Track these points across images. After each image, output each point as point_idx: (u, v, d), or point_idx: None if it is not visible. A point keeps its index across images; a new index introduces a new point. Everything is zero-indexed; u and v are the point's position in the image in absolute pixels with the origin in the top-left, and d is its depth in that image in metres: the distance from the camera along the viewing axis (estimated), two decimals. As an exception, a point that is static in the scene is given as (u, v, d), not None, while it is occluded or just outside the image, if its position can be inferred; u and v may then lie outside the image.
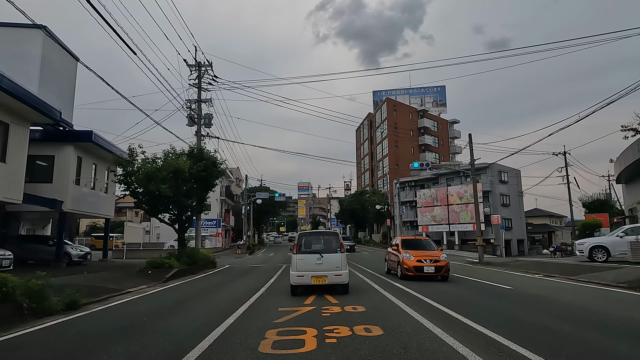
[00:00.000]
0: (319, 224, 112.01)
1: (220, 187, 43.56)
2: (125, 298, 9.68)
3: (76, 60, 18.11)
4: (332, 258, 9.59)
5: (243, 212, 35.59)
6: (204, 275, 16.09)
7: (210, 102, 22.58)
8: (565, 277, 13.76)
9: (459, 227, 42.06)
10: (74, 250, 18.11)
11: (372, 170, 73.86)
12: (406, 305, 7.69)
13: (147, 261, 15.54)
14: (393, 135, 64.69)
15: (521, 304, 8.26)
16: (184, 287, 12.10)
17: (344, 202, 64.44)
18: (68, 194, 17.43)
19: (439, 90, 78.34)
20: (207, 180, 17.81)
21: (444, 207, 43.39)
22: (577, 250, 18.50)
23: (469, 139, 22.73)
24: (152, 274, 14.52)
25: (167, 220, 17.71)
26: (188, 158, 17.48)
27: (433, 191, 45.18)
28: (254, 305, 8.06)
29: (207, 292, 10.59)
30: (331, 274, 9.48)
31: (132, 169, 15.75)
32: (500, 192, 42.39)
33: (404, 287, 10.83)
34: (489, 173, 42.59)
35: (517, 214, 45.12)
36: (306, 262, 9.59)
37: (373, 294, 9.70)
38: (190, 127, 21.96)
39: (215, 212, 42.43)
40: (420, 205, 46.05)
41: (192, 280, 14.17)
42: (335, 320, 6.32)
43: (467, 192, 41.63)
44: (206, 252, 19.71)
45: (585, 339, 5.29)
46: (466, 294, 9.91)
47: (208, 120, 22.29)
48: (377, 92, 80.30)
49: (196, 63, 22.16)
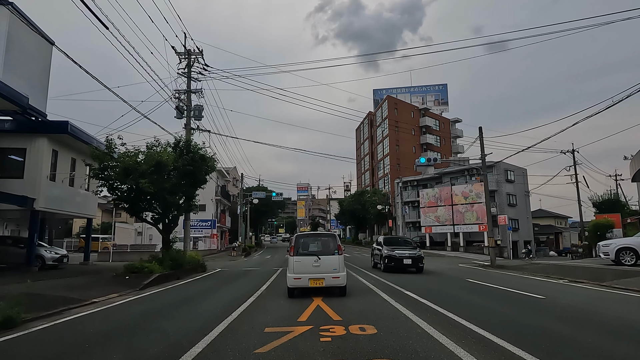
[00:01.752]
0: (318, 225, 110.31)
1: (215, 186, 41.95)
2: (83, 311, 8.03)
3: (51, 45, 16.46)
4: (330, 260, 9.32)
5: (239, 211, 33.93)
6: (190, 280, 14.45)
7: (201, 93, 20.95)
8: (596, 284, 12.13)
9: (464, 228, 40.43)
10: (48, 253, 16.46)
11: (373, 170, 72.24)
12: (428, 325, 6.05)
13: (125, 265, 13.90)
14: (394, 133, 63.09)
15: (567, 321, 6.64)
16: (160, 296, 10.45)
17: (344, 203, 62.80)
18: (41, 191, 15.78)
19: (441, 89, 76.85)
20: (194, 175, 16.17)
21: (448, 207, 41.77)
22: (601, 253, 16.88)
23: (479, 132, 21.15)
24: (129, 280, 12.89)
25: (149, 220, 16.08)
26: (173, 151, 15.86)
27: (436, 191, 43.57)
28: (234, 323, 6.42)
29: (184, 303, 8.95)
30: (329, 277, 9.21)
31: (109, 162, 14.10)
32: (506, 192, 40.81)
33: (415, 295, 9.20)
34: (495, 172, 40.96)
35: (524, 215, 43.53)
36: (303, 265, 9.30)
37: (384, 307, 8.06)
38: (179, 119, 20.37)
39: (210, 212, 40.82)
40: (423, 205, 44.41)
41: (173, 287, 12.52)
42: (339, 348, 4.69)
43: (473, 192, 40.04)
44: (195, 255, 18.09)
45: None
46: (495, 307, 8.27)
47: (198, 112, 20.67)
48: (378, 90, 78.77)
49: (185, 51, 20.55)
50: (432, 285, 12.18)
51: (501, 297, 9.68)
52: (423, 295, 9.39)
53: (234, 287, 12.16)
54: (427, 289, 10.94)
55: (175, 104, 18.87)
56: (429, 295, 9.46)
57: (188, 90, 20.53)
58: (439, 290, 10.97)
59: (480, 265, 22.13)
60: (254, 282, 13.03)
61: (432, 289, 11.05)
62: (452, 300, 8.90)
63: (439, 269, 19.10)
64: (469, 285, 12.10)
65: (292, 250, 9.56)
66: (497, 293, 10.37)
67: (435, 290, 10.94)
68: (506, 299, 9.35)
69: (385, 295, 9.40)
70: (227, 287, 12.22)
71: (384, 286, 11.47)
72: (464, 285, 12.12)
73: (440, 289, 11.28)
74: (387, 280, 13.00)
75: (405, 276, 15.15)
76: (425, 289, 10.84)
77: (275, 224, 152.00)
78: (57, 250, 17.41)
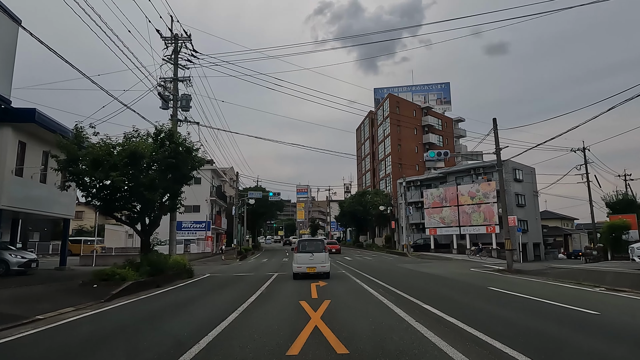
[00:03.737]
0: (318, 228, 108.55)
1: (210, 186, 40.13)
2: (15, 333, 6.19)
3: (17, 24, 14.66)
4: (320, 256, 14.14)
5: (233, 212, 32.08)
6: (170, 289, 12.60)
7: (189, 82, 19.17)
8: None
9: (471, 230, 38.57)
10: (13, 258, 14.59)
11: (374, 170, 70.44)
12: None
13: (94, 271, 12.06)
14: (396, 132, 61.34)
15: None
16: (122, 311, 8.60)
17: (345, 204, 60.93)
18: (4, 188, 13.95)
19: (443, 87, 75.18)
20: (178, 170, 14.34)
21: (454, 207, 39.93)
22: (635, 256, 15.06)
23: (493, 124, 19.35)
24: (97, 289, 11.06)
25: (124, 220, 14.27)
26: (154, 142, 14.05)
27: (441, 191, 41.72)
28: (201, 357, 4.59)
29: (147, 322, 7.13)
30: (319, 266, 13.98)
31: (77, 154, 12.28)
32: (515, 192, 38.93)
33: (438, 311, 7.36)
34: (502, 170, 39.16)
35: (533, 216, 41.68)
36: (303, 258, 14.14)
37: (403, 331, 6.22)
38: (164, 110, 18.58)
39: (205, 213, 38.98)
40: (427, 206, 42.56)
41: (147, 297, 10.67)
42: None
43: (480, 192, 38.22)
44: (180, 260, 16.24)
45: None
46: (546, 328, 6.42)
47: (186, 102, 18.88)
48: (379, 89, 77.08)
49: (172, 35, 18.78)
50: (450, 294, 10.35)
51: (544, 312, 7.84)
52: (446, 310, 7.55)
53: (218, 298, 10.33)
54: (447, 300, 9.11)
55: (161, 93, 17.05)
56: (453, 309, 7.62)
57: (174, 78, 18.74)
58: (462, 302, 9.14)
59: (494, 269, 20.30)
60: (243, 292, 11.19)
61: (454, 300, 9.22)
62: (485, 317, 7.08)
63: (450, 274, 17.28)
64: (495, 296, 10.25)
65: (296, 249, 14.92)
66: (535, 306, 8.53)
67: (458, 301, 9.11)
68: (551, 315, 7.50)
69: (401, 312, 7.56)
70: (209, 298, 10.37)
71: (392, 295, 9.64)
72: (488, 296, 10.28)
73: (462, 300, 9.45)
74: (394, 288, 11.17)
75: (415, 283, 13.33)
76: (444, 300, 9.01)
77: (274, 226, 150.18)
78: (24, 254, 15.55)
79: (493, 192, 37.39)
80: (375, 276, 15.55)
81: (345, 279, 14.82)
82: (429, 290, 11.42)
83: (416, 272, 18.46)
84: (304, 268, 13.94)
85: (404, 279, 15.14)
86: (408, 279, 15.20)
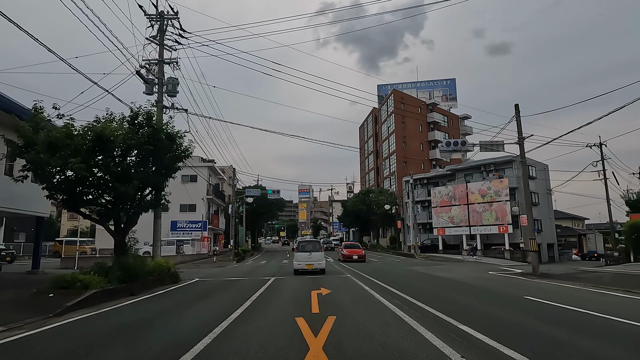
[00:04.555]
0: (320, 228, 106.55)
1: (207, 184, 38.19)
2: None
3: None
4: (317, 255, 16.80)
5: (230, 211, 30.12)
6: (145, 298, 10.63)
7: (176, 64, 17.24)
8: None
9: (482, 230, 36.47)
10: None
11: (378, 169, 68.40)
12: None
13: (52, 279, 10.09)
14: (401, 129, 59.32)
15: None
16: (66, 332, 6.60)
17: (348, 204, 58.85)
18: (-45, 179, 12.02)
19: (449, 84, 73.07)
20: (159, 159, 12.38)
21: (464, 206, 37.82)
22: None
23: (515, 110, 17.28)
24: (52, 299, 9.11)
25: (94, 217, 12.32)
26: (131, 126, 12.09)
27: (450, 189, 39.62)
28: None
29: (89, 352, 5.15)
30: (316, 263, 16.53)
31: (33, 137, 10.32)
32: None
33: (476, 333, 5.35)
34: (514, 167, 37.07)
35: (547, 215, 39.53)
36: (302, 257, 16.72)
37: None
38: (148, 95, 16.64)
39: (201, 212, 37.02)
40: (435, 204, 40.46)
41: (109, 310, 8.69)
42: None
43: (491, 189, 36.12)
44: (163, 263, 14.26)
45: None
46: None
47: (172, 86, 16.94)
48: (382, 85, 75.09)
49: (157, 12, 16.85)
50: (484, 307, 8.32)
51: (633, 337, 5.82)
52: (495, 334, 5.53)
53: (196, 312, 8.33)
54: (486, 317, 7.10)
55: (142, 74, 15.10)
56: (503, 333, 5.61)
57: (160, 59, 16.82)
58: (505, 319, 7.11)
59: (514, 273, 18.23)
60: (228, 302, 9.21)
61: (495, 317, 7.21)
62: (553, 346, 5.06)
63: (469, 278, 15.24)
64: (545, 310, 8.21)
65: (296, 249, 17.96)
66: (611, 328, 6.50)
67: (501, 319, 7.09)
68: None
69: (433, 337, 5.54)
70: (185, 312, 8.37)
71: (412, 308, 7.63)
72: (534, 310, 8.23)
73: (504, 316, 7.42)
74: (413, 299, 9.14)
75: (434, 291, 11.30)
76: (482, 317, 7.00)
77: (276, 227, 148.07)
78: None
79: (506, 189, 35.32)
80: (385, 281, 13.52)
81: (351, 284, 12.83)
82: (456, 301, 9.39)
83: (429, 276, 16.43)
84: (303, 265, 16.56)
85: (418, 284, 13.12)
86: (423, 284, 13.18)
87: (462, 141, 16.42)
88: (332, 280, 14.37)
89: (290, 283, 13.58)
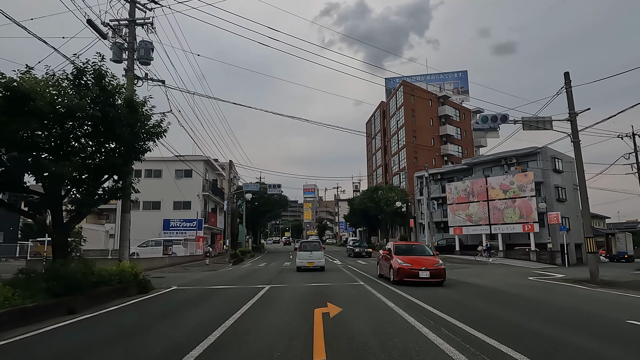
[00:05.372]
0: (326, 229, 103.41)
1: (203, 180, 35.26)
2: None
3: None
4: (317, 253, 18.78)
5: (225, 207, 27.15)
6: (86, 317, 7.60)
7: (151, 26, 14.26)
8: None
9: (504, 229, 33.17)
10: None
11: (386, 165, 65.17)
12: None
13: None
14: (411, 123, 56.10)
15: None
16: None
17: (355, 201, 55.68)
18: None
19: (460, 76, 69.70)
20: (113, 132, 9.33)
21: (483, 203, 34.54)
22: None
23: (565, 79, 14.06)
24: None
25: (21, 207, 9.32)
26: (74, 86, 9.09)
27: (468, 184, 36.34)
28: None
29: None
30: (316, 261, 18.43)
31: None
32: (554, 184, 33.46)
33: None
34: (540, 159, 33.75)
35: (574, 212, 35.97)
36: (304, 255, 18.65)
37: None
38: (117, 63, 13.66)
39: (196, 210, 34.06)
40: (451, 201, 37.21)
41: (17, 340, 5.66)
42: None
43: (514, 184, 32.81)
44: (129, 268, 11.26)
45: None
46: None
47: (145, 51, 13.92)
48: (390, 79, 71.80)
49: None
50: (575, 339, 5.16)
51: None
52: None
53: (131, 349, 5.26)
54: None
55: (97, 27, 12.10)
56: None
57: (130, 20, 13.83)
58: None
59: (556, 278, 15.01)
60: (196, 328, 6.14)
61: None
62: None
63: (508, 286, 12.10)
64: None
65: (298, 248, 20.09)
66: None
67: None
68: None
69: None
70: (114, 350, 5.31)
71: (472, 342, 4.54)
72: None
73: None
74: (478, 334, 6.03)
75: (481, 307, 8.13)
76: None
77: (281, 227, 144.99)
78: None
79: (531, 184, 31.99)
80: (411, 292, 10.37)
81: (367, 298, 9.73)
82: (524, 326, 6.26)
83: (462, 283, 13.30)
84: (304, 263, 18.36)
85: (455, 296, 9.98)
86: (461, 297, 10.02)
87: (503, 115, 13.19)
88: (341, 291, 11.31)
89: (287, 295, 10.53)
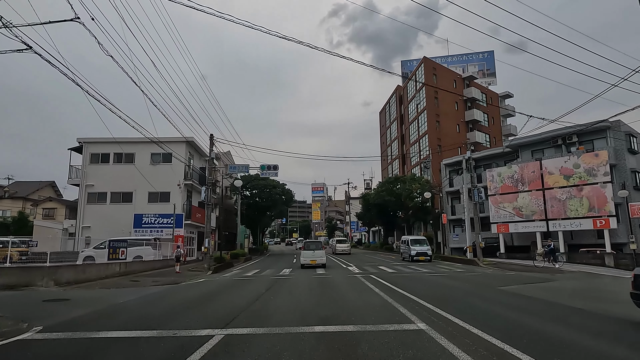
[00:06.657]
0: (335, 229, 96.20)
1: (184, 167, 28.67)
2: None
3: None
4: (319, 252, 21.68)
5: (202, 197, 20.46)
6: None
7: None
8: None
9: (566, 225, 25.93)
10: None
11: (404, 156, 58.05)
12: None
13: None
14: (434, 106, 48.97)
15: None
16: None
17: (370, 196, 48.57)
18: None
19: (487, 57, 62.35)
20: None
21: (537, 192, 27.35)
22: None
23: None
24: None
25: None
26: None
27: (515, 169, 29.13)
28: None
29: None
30: (318, 259, 21.00)
31: None
32: (630, 167, 26.15)
33: None
34: (610, 135, 26.45)
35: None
36: (307, 254, 21.53)
37: None
38: None
39: (176, 203, 27.43)
40: (493, 192, 30.03)
41: None
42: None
43: (580, 167, 25.56)
44: None
45: None
46: None
47: None
48: (407, 61, 64.89)
49: None
50: None
51: None
52: None
53: None
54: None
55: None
56: None
57: None
58: None
59: None
60: None
61: None
62: None
63: None
64: None
65: (302, 248, 24.19)
66: None
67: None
68: None
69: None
70: None
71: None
72: None
73: None
74: None
75: None
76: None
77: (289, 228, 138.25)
78: None
79: (604, 166, 24.72)
80: (498, 335, 3.48)
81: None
82: None
83: (572, 309, 6.37)
84: (307, 260, 21.05)
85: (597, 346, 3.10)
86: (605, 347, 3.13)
87: None
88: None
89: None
